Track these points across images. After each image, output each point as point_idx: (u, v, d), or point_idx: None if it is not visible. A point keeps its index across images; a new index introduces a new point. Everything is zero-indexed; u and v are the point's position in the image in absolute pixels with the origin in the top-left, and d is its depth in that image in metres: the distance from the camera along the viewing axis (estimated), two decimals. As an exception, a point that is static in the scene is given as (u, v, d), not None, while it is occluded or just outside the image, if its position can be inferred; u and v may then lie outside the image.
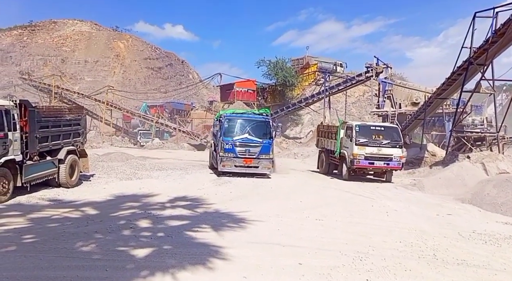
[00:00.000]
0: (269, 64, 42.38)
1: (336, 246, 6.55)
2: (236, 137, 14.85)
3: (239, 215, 8.65)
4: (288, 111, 38.81)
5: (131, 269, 5.16)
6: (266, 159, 14.89)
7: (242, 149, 14.76)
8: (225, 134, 14.95)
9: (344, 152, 15.78)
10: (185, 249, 6.09)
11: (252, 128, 15.10)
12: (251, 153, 14.73)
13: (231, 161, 14.70)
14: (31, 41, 44.01)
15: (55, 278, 4.75)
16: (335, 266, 5.58)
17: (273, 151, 16.33)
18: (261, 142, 14.81)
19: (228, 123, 15.22)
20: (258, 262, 5.64)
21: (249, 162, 14.74)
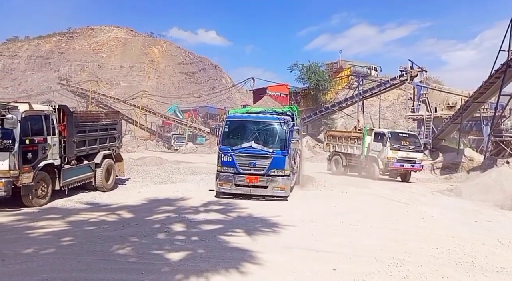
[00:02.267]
0: (302, 68, 42.14)
1: (371, 252, 6.35)
2: (237, 146, 10.95)
3: (272, 219, 8.57)
4: (321, 115, 38.39)
5: (166, 272, 5.20)
6: (279, 176, 10.77)
7: (245, 162, 10.85)
8: (223, 141, 11.14)
9: (374, 156, 17.73)
10: (219, 253, 6.08)
11: (260, 133, 11.18)
12: (258, 168, 10.80)
13: (230, 179, 10.86)
14: (69, 48, 45.99)
15: (92, 280, 4.85)
16: (370, 272, 5.41)
17: (296, 163, 12.99)
18: (271, 153, 10.79)
19: (229, 126, 11.26)
20: (291, 267, 5.55)
21: (254, 181, 10.77)
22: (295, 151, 12.57)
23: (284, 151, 10.89)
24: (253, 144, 10.88)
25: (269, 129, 11.28)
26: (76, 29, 49.51)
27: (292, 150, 11.49)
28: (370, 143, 18.00)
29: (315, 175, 15.87)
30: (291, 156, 11.51)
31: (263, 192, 10.85)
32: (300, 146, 14.42)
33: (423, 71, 32.88)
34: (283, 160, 10.87)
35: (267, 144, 10.99)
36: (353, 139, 19.13)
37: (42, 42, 47.03)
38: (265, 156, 10.83)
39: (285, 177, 10.90)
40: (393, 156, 17.00)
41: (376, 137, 17.83)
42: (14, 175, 8.67)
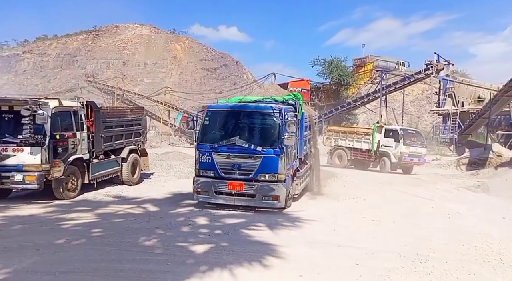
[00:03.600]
0: (324, 63, 41.74)
1: (394, 248, 6.33)
2: (218, 143, 8.79)
3: (294, 214, 8.64)
4: (343, 110, 37.94)
5: (191, 264, 5.36)
6: (271, 181, 8.50)
7: (227, 164, 8.67)
8: (202, 137, 9.01)
9: (386, 151, 19.07)
10: (242, 246, 6.20)
11: (247, 126, 9.02)
12: (243, 171, 8.61)
13: (209, 185, 8.73)
14: (95, 45, 46.94)
15: (121, 270, 5.04)
16: (394, 268, 5.39)
17: (308, 164, 11.14)
18: (261, 152, 8.53)
19: (209, 118, 9.11)
20: (313, 261, 5.61)
21: (239, 188, 8.59)
22: (303, 150, 10.39)
23: (278, 149, 8.47)
24: (238, 140, 8.57)
25: (258, 122, 8.94)
26: (101, 27, 50.51)
27: (292, 148, 9.12)
28: (381, 139, 19.24)
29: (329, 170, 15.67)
30: (290, 156, 9.09)
31: (250, 203, 8.57)
32: (312, 144, 12.03)
33: (449, 64, 31.97)
34: (275, 161, 8.48)
35: (256, 141, 8.67)
36: (360, 135, 20.27)
37: (70, 40, 48.27)
38: (252, 156, 8.54)
39: (279, 183, 8.46)
40: (405, 151, 18.62)
41: (387, 134, 19.27)
42: (46, 169, 9.02)
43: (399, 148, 18.63)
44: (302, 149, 10.32)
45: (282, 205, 8.66)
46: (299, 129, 9.67)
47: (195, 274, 4.97)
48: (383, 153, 19.19)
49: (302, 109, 10.10)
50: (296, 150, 9.63)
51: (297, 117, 9.46)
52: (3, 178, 8.85)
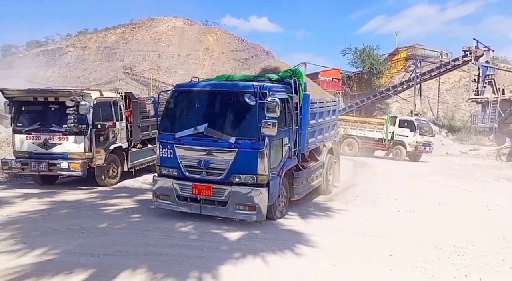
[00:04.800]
0: (355, 52, 40.86)
1: (430, 239, 6.25)
2: (181, 133, 6.86)
3: (326, 204, 8.68)
4: (375, 99, 37.09)
5: (225, 250, 5.54)
6: (247, 185, 6.57)
7: (192, 160, 6.78)
8: (164, 125, 7.24)
9: (401, 140, 19.96)
10: (274, 234, 6.33)
11: (220, 111, 7.00)
12: (212, 170, 6.70)
13: (170, 187, 6.92)
14: (132, 38, 48.13)
15: (160, 254, 5.29)
16: (429, 260, 5.34)
17: (319, 161, 9.07)
18: (234, 144, 6.56)
19: (175, 101, 7.22)
20: (345, 251, 5.64)
21: (206, 192, 6.68)
22: (307, 143, 8.10)
23: (257, 142, 6.41)
24: (206, 129, 6.61)
25: (234, 105, 6.80)
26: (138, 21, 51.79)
27: (284, 141, 7.14)
28: (395, 129, 20.19)
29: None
30: (280, 151, 7.04)
31: (221, 212, 6.67)
32: (332, 136, 10.20)
33: (489, 50, 30.46)
34: (253, 157, 6.44)
35: (230, 130, 6.67)
36: (372, 124, 21.16)
37: (109, 33, 49.77)
38: (224, 150, 6.56)
39: (260, 188, 6.44)
40: (421, 141, 19.74)
41: (402, 124, 20.29)
42: (89, 157, 9.52)
43: (416, 137, 19.70)
44: (305, 142, 7.92)
45: (262, 216, 6.54)
46: (298, 116, 7.62)
47: (229, 260, 5.14)
48: (397, 142, 20.15)
49: (303, 89, 7.75)
50: (292, 143, 7.42)
51: (292, 100, 7.37)
52: (50, 165, 9.37)
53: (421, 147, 19.81)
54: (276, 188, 6.87)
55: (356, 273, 4.89)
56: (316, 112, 8.62)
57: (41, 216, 7.13)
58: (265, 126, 6.25)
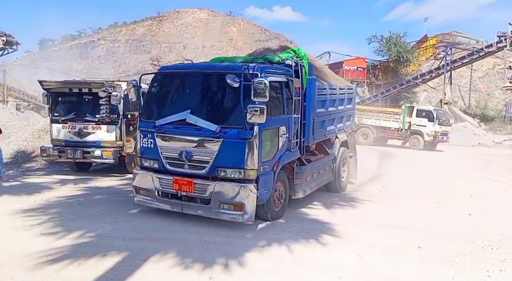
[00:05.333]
0: (381, 40, 39.85)
1: (461, 232, 6.11)
2: (162, 120, 6.13)
3: (350, 194, 8.62)
4: (401, 88, 36.16)
5: (250, 238, 5.62)
6: (234, 181, 5.79)
7: (173, 151, 6.05)
8: (146, 112, 6.51)
9: (418, 130, 20.06)
10: (298, 224, 6.35)
11: (204, 97, 6.25)
12: (195, 163, 5.94)
13: (149, 181, 6.23)
14: (159, 31, 49.04)
15: (187, 240, 5.43)
16: (461, 253, 5.22)
17: (331, 154, 8.21)
18: (218, 134, 5.75)
19: (159, 85, 6.53)
20: (372, 242, 5.59)
21: (187, 188, 5.94)
22: (312, 134, 7.18)
23: (245, 131, 5.59)
24: (188, 116, 5.84)
25: (220, 89, 5.97)
26: (164, 13, 52.73)
27: (280, 131, 6.26)
28: (413, 118, 20.24)
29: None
30: (275, 142, 6.20)
31: (204, 211, 5.90)
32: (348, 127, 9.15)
33: (526, 36, 29.06)
34: (241, 148, 5.64)
35: (215, 117, 5.84)
36: (388, 114, 21.18)
37: (137, 26, 50.92)
38: (207, 140, 5.79)
39: (248, 185, 5.64)
40: (439, 130, 19.91)
41: (420, 114, 20.34)
42: (120, 145, 9.86)
43: (435, 127, 19.83)
44: (310, 132, 7.06)
45: (250, 218, 5.70)
46: (302, 103, 6.78)
47: (254, 248, 5.21)
48: (415, 132, 20.24)
49: (307, 72, 6.84)
50: (293, 134, 6.56)
51: (292, 84, 6.52)
52: (85, 153, 9.78)
53: (439, 136, 19.97)
54: (268, 185, 5.96)
55: (382, 265, 4.84)
56: (325, 99, 7.71)
57: (77, 201, 7.48)
58: (251, 112, 5.34)
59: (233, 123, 5.71)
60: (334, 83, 8.39)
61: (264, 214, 6.25)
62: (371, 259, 4.98)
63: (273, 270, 4.60)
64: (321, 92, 7.49)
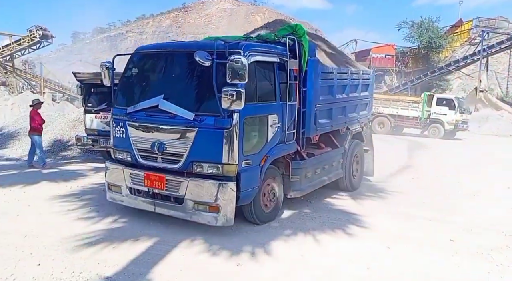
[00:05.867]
0: (412, 25, 38.46)
1: (497, 225, 5.87)
2: (134, 107, 5.46)
3: (378, 185, 8.44)
4: (432, 76, 34.90)
5: (276, 227, 5.60)
6: (211, 177, 4.97)
7: (145, 142, 5.35)
8: (120, 98, 5.85)
9: (439, 118, 20.02)
10: (324, 214, 6.28)
11: (180, 80, 5.42)
12: (168, 156, 5.20)
13: (121, 176, 5.58)
14: (184, 22, 49.69)
15: (213, 227, 5.24)
16: (497, 247, 5.03)
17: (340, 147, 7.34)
18: (193, 123, 4.95)
19: (134, 67, 5.85)
20: (401, 233, 5.47)
21: (158, 185, 5.23)
22: (314, 124, 6.29)
23: (223, 119, 4.80)
24: (161, 102, 5.14)
25: (195, 70, 5.11)
26: (189, 4, 53.40)
27: (270, 120, 5.39)
28: (433, 107, 20.15)
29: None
30: (264, 132, 5.37)
31: (177, 212, 5.18)
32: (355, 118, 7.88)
33: None
34: (217, 138, 4.87)
35: (191, 103, 5.13)
36: (407, 103, 21.08)
37: (163, 18, 51.77)
38: (181, 130, 5.03)
39: (227, 182, 4.90)
40: (460, 119, 19.90)
41: (440, 102, 20.25)
42: None
43: (456, 116, 19.80)
44: (311, 123, 6.20)
45: (228, 221, 4.96)
46: (301, 88, 5.95)
47: (280, 236, 5.21)
48: (435, 120, 20.18)
49: (307, 52, 5.92)
50: (288, 123, 5.71)
51: (286, 65, 5.65)
52: None
53: (459, 125, 19.97)
54: (253, 183, 5.15)
55: (412, 257, 4.72)
56: (332, 85, 6.79)
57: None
58: (225, 96, 4.53)
59: (210, 110, 4.87)
60: (343, 67, 7.40)
61: (251, 216, 5.48)
62: (400, 251, 4.86)
63: (300, 259, 4.58)
64: (326, 76, 6.59)
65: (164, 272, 4.12)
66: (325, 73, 6.52)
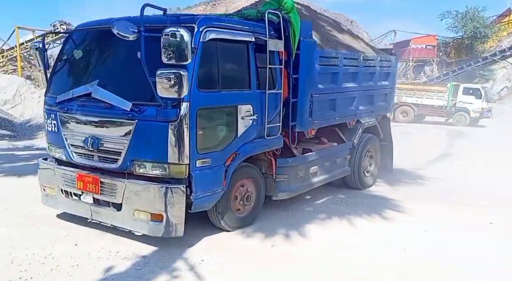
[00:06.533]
0: (456, 15, 36.85)
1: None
2: (64, 95, 4.51)
3: (415, 172, 8.26)
4: (476, 66, 33.26)
5: (310, 211, 5.59)
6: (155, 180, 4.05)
7: (77, 138, 4.45)
8: (53, 85, 4.90)
9: (464, 107, 20.63)
10: (359, 199, 6.20)
11: (117, 62, 4.56)
12: (104, 154, 4.30)
13: (52, 177, 4.74)
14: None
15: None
16: (542, 234, 4.80)
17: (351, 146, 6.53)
18: (131, 114, 4.02)
19: (70, 49, 4.84)
20: (438, 218, 5.34)
21: (92, 188, 4.33)
22: (308, 115, 5.42)
23: (167, 110, 3.91)
24: (95, 88, 4.26)
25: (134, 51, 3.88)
26: (218, -4, 53.90)
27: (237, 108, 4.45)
28: (459, 96, 20.78)
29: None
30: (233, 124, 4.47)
31: (115, 219, 4.36)
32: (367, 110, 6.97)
33: None
34: (161, 133, 3.99)
35: (129, 89, 4.25)
36: (432, 92, 21.61)
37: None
38: (118, 122, 4.18)
39: (171, 186, 4.00)
40: (486, 107, 20.67)
41: (466, 91, 20.90)
42: None
43: (482, 104, 20.52)
44: (305, 115, 5.36)
45: (176, 231, 4.07)
46: (291, 75, 5.08)
47: (314, 220, 5.19)
48: (461, 109, 20.80)
49: (297, 31, 4.96)
50: (270, 115, 4.83)
51: (266, 46, 4.65)
52: None
53: (484, 113, 20.71)
54: (213, 185, 4.27)
55: (451, 240, 4.61)
56: (337, 72, 5.88)
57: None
58: (160, 81, 3.64)
59: (152, 99, 3.86)
60: (353, 51, 6.46)
61: (217, 222, 4.62)
62: (438, 234, 4.75)
63: (335, 240, 4.57)
64: (327, 61, 5.65)
65: (198, 252, 4.13)
66: (325, 57, 5.62)
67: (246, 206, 4.90)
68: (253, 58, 4.60)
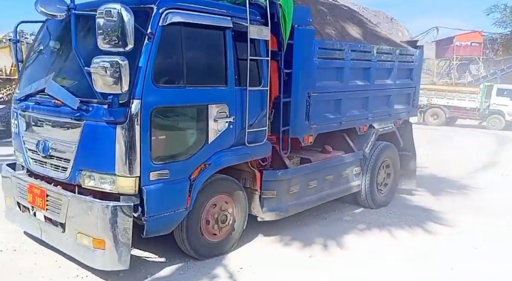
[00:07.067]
0: (504, 9, 34.92)
1: None
2: (22, 92, 4.08)
3: (459, 181, 7.85)
4: (527, 64, 31.43)
5: (348, 221, 5.46)
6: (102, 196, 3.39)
7: (32, 140, 3.86)
8: (20, 79, 4.36)
9: (499, 109, 19.11)
10: (400, 209, 5.99)
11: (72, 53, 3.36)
12: (54, 161, 3.65)
13: (9, 184, 4.15)
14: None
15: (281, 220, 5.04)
16: None
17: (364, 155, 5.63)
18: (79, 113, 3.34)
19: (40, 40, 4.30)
20: (488, 232, 5.06)
21: (39, 203, 3.69)
22: (302, 118, 4.59)
23: (114, 109, 3.18)
24: (50, 83, 3.67)
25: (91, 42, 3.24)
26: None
27: (207, 108, 3.70)
28: (492, 98, 19.35)
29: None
30: (204, 128, 3.73)
31: (60, 242, 3.69)
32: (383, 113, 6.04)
33: None
34: (108, 137, 3.28)
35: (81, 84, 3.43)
36: (464, 93, 20.57)
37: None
38: (66, 122, 3.52)
39: (116, 204, 3.27)
40: None
41: (501, 93, 19.36)
42: None
43: None
44: (301, 118, 4.58)
45: (119, 262, 3.36)
46: (282, 70, 4.34)
47: (352, 230, 5.07)
48: (495, 111, 19.44)
49: (289, 17, 4.18)
50: (257, 118, 4.16)
51: (247, 33, 3.92)
52: None
53: None
54: (174, 204, 3.57)
55: (504, 258, 4.34)
56: (342, 67, 5.05)
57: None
58: (95, 71, 2.99)
59: (103, 96, 3.21)
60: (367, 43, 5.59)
61: (185, 249, 3.90)
62: (489, 251, 4.49)
63: (374, 252, 4.42)
64: (329, 54, 4.85)
65: (237, 259, 4.12)
66: (326, 49, 4.79)
67: (221, 228, 4.11)
68: (231, 47, 3.84)
